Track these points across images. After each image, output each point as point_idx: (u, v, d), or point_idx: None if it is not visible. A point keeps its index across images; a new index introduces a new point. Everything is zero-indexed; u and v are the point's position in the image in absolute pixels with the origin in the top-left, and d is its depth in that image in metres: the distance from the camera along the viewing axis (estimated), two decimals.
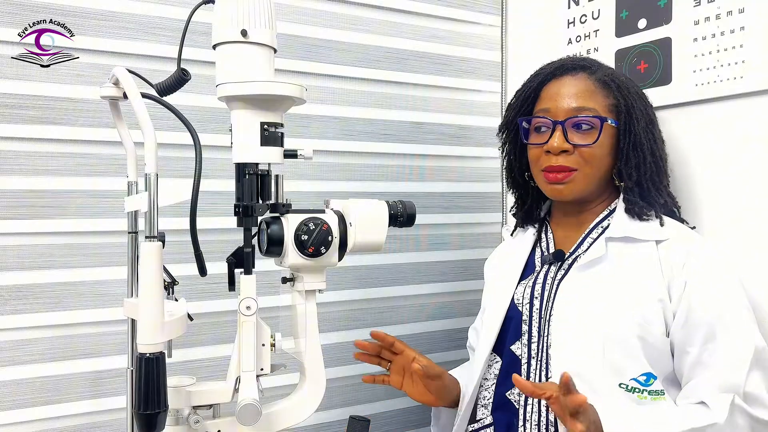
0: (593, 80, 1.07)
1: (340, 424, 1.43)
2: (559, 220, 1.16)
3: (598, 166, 1.05)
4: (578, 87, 1.06)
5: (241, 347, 0.89)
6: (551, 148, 1.04)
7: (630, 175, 1.05)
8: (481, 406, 1.12)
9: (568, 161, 1.03)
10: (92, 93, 1.17)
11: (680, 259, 0.98)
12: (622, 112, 1.05)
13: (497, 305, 1.12)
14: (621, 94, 1.05)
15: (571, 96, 1.05)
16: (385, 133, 1.50)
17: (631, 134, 1.04)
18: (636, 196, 1.05)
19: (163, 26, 1.25)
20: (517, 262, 1.15)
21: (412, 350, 1.13)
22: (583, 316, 0.99)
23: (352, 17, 1.45)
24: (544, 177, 1.07)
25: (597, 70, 1.08)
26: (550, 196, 1.10)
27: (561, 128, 1.04)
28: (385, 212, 0.99)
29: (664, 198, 1.08)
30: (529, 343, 1.05)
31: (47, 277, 1.17)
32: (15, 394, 1.15)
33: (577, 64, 1.10)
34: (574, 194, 1.06)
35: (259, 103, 0.87)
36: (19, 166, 1.15)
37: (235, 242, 0.92)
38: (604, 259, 1.02)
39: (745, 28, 1.11)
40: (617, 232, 1.03)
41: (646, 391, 0.95)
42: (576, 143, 1.03)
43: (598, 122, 1.03)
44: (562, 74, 1.09)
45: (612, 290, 0.99)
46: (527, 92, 1.12)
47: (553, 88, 1.08)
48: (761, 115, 1.10)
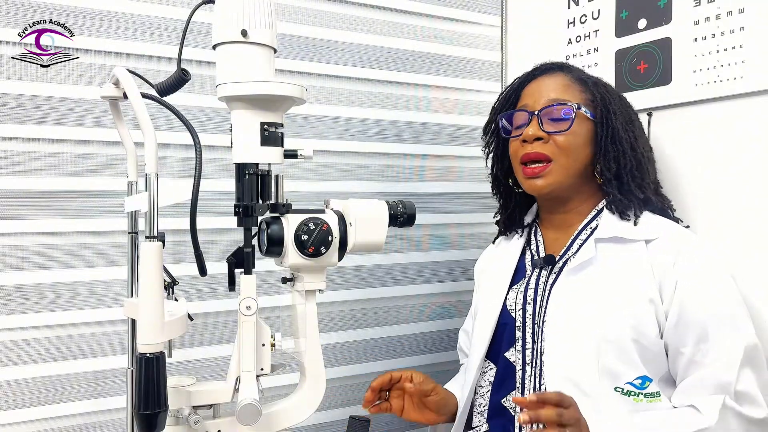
0: (570, 77, 1.10)
1: (340, 424, 1.43)
2: (547, 223, 1.15)
3: (574, 156, 1.06)
4: (556, 82, 1.09)
5: (241, 347, 0.89)
6: (526, 136, 1.06)
7: (609, 167, 1.05)
8: (476, 413, 1.11)
9: (544, 149, 1.05)
10: (92, 93, 1.17)
11: (670, 259, 0.98)
12: (599, 106, 1.07)
13: (489, 311, 1.11)
14: (597, 90, 1.08)
15: (549, 90, 1.08)
16: (386, 133, 1.50)
17: (608, 127, 1.06)
18: (614, 189, 1.05)
19: (163, 26, 1.25)
20: (507, 267, 1.14)
21: (407, 372, 1.12)
22: (576, 320, 0.99)
23: (352, 17, 1.45)
24: (523, 172, 1.08)
25: (573, 71, 1.12)
26: (528, 191, 1.11)
27: (536, 118, 1.06)
28: (385, 212, 0.99)
29: (646, 194, 1.07)
30: (524, 349, 1.05)
31: (47, 277, 1.17)
32: (15, 394, 1.15)
33: (555, 65, 1.14)
34: (551, 186, 1.06)
35: (259, 103, 0.87)
36: (19, 166, 1.15)
37: (235, 242, 0.92)
38: (594, 261, 1.01)
39: (745, 28, 1.11)
40: (606, 232, 1.03)
41: (641, 394, 0.95)
42: (549, 131, 1.05)
43: (570, 111, 1.05)
44: (540, 74, 1.13)
45: (603, 293, 0.98)
46: (509, 93, 1.16)
47: (533, 86, 1.12)
48: (761, 115, 1.10)
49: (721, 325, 0.94)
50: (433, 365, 1.56)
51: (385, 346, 1.50)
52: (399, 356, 1.52)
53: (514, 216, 1.20)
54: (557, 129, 1.05)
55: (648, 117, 1.26)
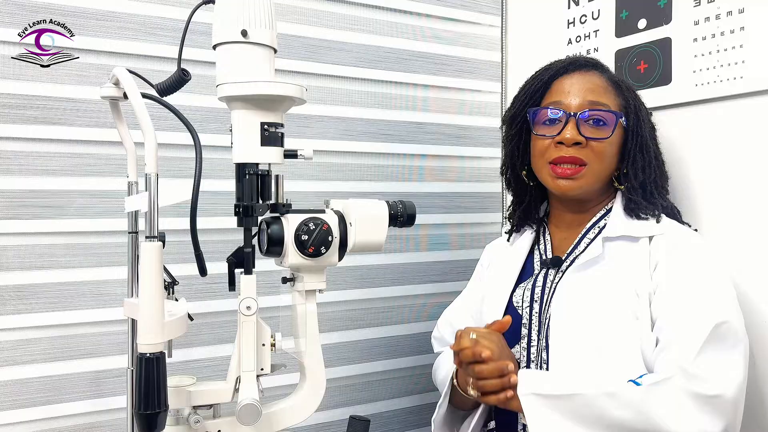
0: (605, 78, 1.08)
1: (340, 424, 1.43)
2: (557, 221, 1.15)
3: (607, 163, 1.05)
4: (593, 82, 1.06)
5: (241, 347, 0.89)
6: (564, 139, 1.03)
7: (636, 175, 1.04)
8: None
9: (580, 153, 1.03)
10: (92, 93, 1.17)
11: (664, 250, 0.98)
12: (631, 113, 1.06)
13: (495, 308, 1.11)
14: (630, 96, 1.07)
15: (586, 90, 1.05)
16: (386, 133, 1.50)
17: (639, 136, 1.05)
18: (639, 196, 1.05)
19: (163, 26, 1.25)
20: (515, 264, 1.14)
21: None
22: (580, 318, 0.99)
23: (352, 17, 1.45)
24: (551, 170, 1.05)
25: (607, 71, 1.10)
26: (555, 191, 1.08)
27: (574, 120, 1.03)
28: (385, 212, 0.99)
29: (666, 201, 1.08)
30: (528, 346, 1.05)
31: (47, 277, 1.17)
32: (15, 394, 1.15)
33: (589, 61, 1.11)
34: (581, 189, 1.05)
35: (260, 103, 0.87)
36: (19, 166, 1.15)
37: (235, 242, 0.92)
38: (600, 259, 1.01)
39: (745, 28, 1.11)
40: (614, 231, 1.03)
41: None
42: (589, 136, 1.03)
43: (612, 117, 1.03)
44: (574, 70, 1.09)
45: (608, 291, 0.98)
46: (537, 85, 1.11)
47: (566, 81, 1.08)
48: (761, 115, 1.10)
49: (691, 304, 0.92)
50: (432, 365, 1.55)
51: (385, 346, 1.50)
52: (399, 356, 1.52)
53: (530, 210, 1.18)
54: (597, 135, 1.03)
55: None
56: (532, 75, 1.14)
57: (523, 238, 1.18)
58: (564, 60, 1.13)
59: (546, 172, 1.07)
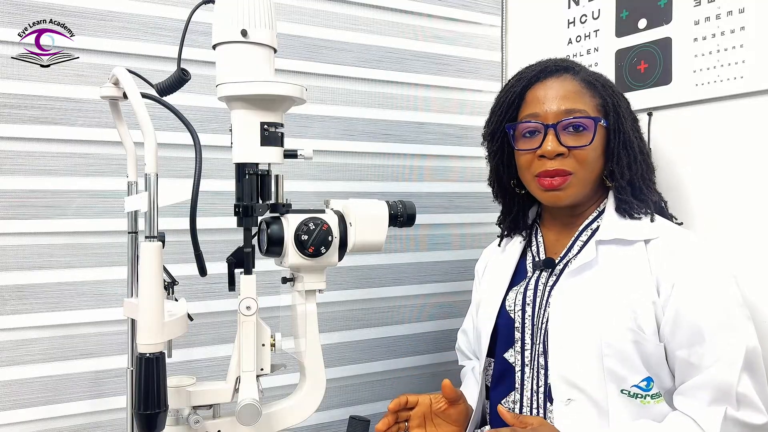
0: (578, 80, 1.04)
1: (340, 424, 1.43)
2: (549, 224, 1.13)
3: (593, 168, 1.03)
4: (565, 88, 1.03)
5: (241, 347, 0.89)
6: (546, 152, 1.00)
7: (623, 174, 1.03)
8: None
9: (564, 164, 1.01)
10: (92, 93, 1.17)
11: (668, 259, 0.96)
12: (610, 112, 1.03)
13: (488, 313, 1.11)
14: (607, 93, 1.04)
15: (559, 98, 1.02)
16: (386, 133, 1.50)
17: (621, 133, 1.03)
18: (628, 195, 1.03)
19: (163, 26, 1.25)
20: (507, 268, 1.13)
21: (425, 395, 1.08)
22: (578, 323, 0.98)
23: (352, 17, 1.45)
24: (539, 183, 1.03)
25: (580, 71, 1.07)
26: (545, 203, 1.07)
27: (553, 131, 1.01)
28: (385, 212, 0.99)
29: (656, 196, 1.07)
30: (522, 350, 1.04)
31: (47, 277, 1.17)
32: (15, 394, 1.15)
33: (560, 65, 1.07)
34: (571, 199, 1.03)
35: (259, 103, 0.87)
36: (19, 166, 1.15)
37: (235, 242, 0.92)
38: (594, 263, 1.00)
39: (745, 28, 1.11)
40: (607, 234, 1.01)
41: (648, 395, 0.94)
42: (570, 146, 1.00)
43: (591, 123, 1.01)
44: (546, 77, 1.06)
45: (604, 296, 0.97)
46: (511, 97, 1.08)
47: (539, 91, 1.05)
48: (761, 115, 1.10)
49: (717, 327, 0.92)
50: (432, 365, 1.56)
51: (385, 346, 1.50)
52: (399, 356, 1.52)
53: (518, 219, 1.17)
54: (578, 143, 1.00)
55: (648, 117, 1.26)
56: (504, 87, 1.12)
57: (513, 242, 1.17)
58: (534, 67, 1.09)
59: (534, 186, 1.06)
